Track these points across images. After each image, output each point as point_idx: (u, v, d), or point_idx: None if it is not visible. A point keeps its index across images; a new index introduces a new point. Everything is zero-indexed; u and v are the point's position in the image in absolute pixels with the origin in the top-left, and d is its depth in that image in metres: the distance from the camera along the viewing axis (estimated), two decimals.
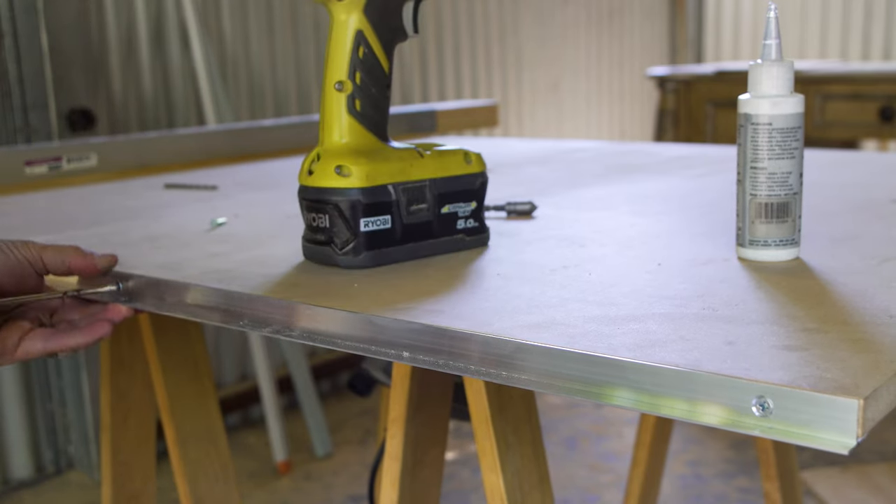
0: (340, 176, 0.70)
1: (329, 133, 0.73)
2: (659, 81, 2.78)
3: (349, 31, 0.72)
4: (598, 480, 2.19)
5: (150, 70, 2.35)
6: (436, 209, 0.75)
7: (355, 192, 0.70)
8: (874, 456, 2.23)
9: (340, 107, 0.72)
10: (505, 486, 0.72)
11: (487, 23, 3.29)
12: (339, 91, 0.72)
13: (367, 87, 0.73)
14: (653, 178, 1.14)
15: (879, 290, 0.60)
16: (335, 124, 0.72)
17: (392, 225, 0.72)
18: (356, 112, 0.72)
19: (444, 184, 0.75)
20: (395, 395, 0.78)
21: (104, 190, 1.23)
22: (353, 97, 0.72)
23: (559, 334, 0.53)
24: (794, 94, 0.67)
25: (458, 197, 0.76)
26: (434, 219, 0.75)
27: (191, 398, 1.04)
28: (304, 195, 0.73)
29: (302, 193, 0.73)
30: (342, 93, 0.72)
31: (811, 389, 0.44)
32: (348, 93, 0.72)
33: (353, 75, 0.72)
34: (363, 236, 0.71)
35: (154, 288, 0.72)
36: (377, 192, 0.71)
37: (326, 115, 0.73)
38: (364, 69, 0.72)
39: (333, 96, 0.72)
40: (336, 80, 0.72)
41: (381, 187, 0.71)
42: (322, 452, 2.38)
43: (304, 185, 0.72)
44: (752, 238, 0.69)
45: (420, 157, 0.74)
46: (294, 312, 0.63)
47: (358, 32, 0.72)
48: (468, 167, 0.77)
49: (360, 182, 0.70)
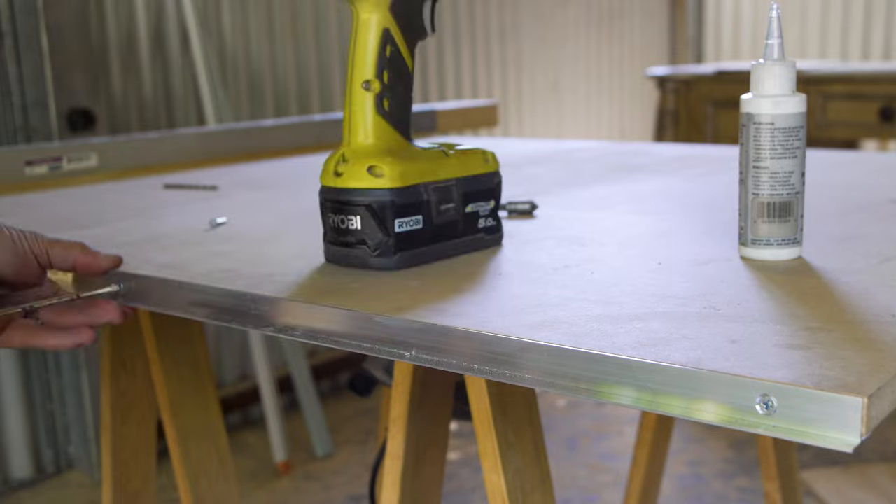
0: (373, 176, 0.69)
1: (355, 133, 0.71)
2: (659, 81, 2.78)
3: (376, 30, 0.71)
4: (599, 480, 2.19)
5: (150, 70, 2.35)
6: (461, 208, 0.74)
7: (389, 192, 0.69)
8: (875, 455, 2.23)
9: (368, 106, 0.71)
10: (506, 486, 0.71)
11: (487, 23, 3.29)
12: (366, 90, 0.71)
13: (395, 86, 0.72)
14: (653, 178, 1.14)
15: (881, 290, 0.60)
16: (362, 124, 0.71)
17: (424, 225, 0.71)
18: (384, 111, 0.71)
19: (467, 183, 0.75)
20: (396, 395, 0.78)
21: (104, 190, 1.23)
22: (381, 96, 0.71)
23: (562, 333, 0.53)
24: (796, 94, 0.67)
25: (480, 196, 0.76)
26: (460, 218, 0.74)
27: (191, 398, 1.04)
28: (330, 196, 0.71)
29: (327, 195, 0.71)
30: (369, 92, 0.71)
31: (815, 388, 0.44)
32: (376, 92, 0.71)
33: (381, 74, 0.71)
34: (396, 237, 0.70)
35: (156, 288, 0.72)
36: (410, 193, 0.70)
37: (353, 115, 0.71)
38: (391, 68, 0.71)
39: (360, 96, 0.71)
40: (363, 79, 0.71)
41: (414, 187, 0.70)
42: (322, 452, 2.38)
43: (330, 186, 0.71)
44: (754, 237, 0.69)
45: (446, 157, 0.74)
46: (296, 311, 0.63)
47: (385, 31, 0.71)
48: (487, 166, 0.77)
49: (394, 182, 0.69)
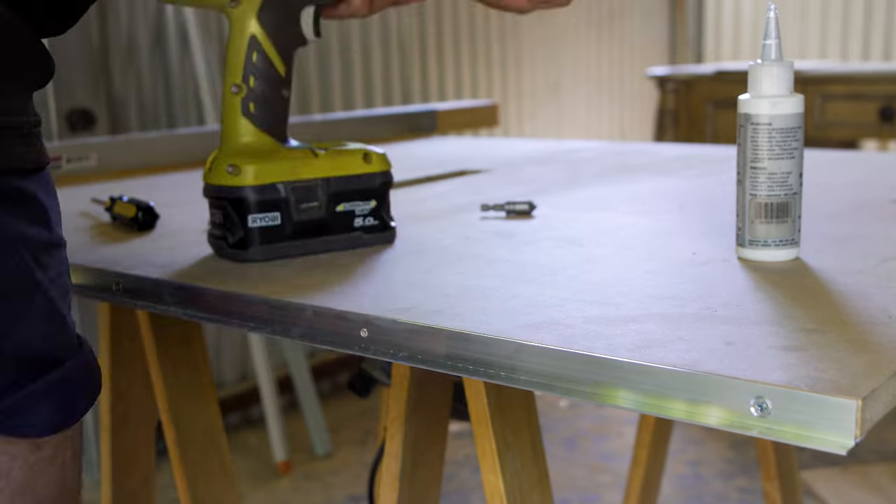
0: (231, 175, 0.74)
1: (225, 134, 0.77)
2: (659, 81, 2.78)
3: (244, 37, 0.75)
4: (598, 480, 2.19)
5: (150, 70, 2.35)
6: (329, 207, 0.78)
7: (245, 189, 0.74)
8: (874, 456, 2.22)
9: (236, 109, 0.76)
10: (504, 487, 0.71)
11: (487, 23, 3.29)
12: (234, 94, 0.76)
13: (262, 90, 0.76)
14: (652, 178, 1.14)
15: (878, 291, 0.60)
16: (231, 125, 0.77)
17: (282, 222, 0.76)
18: (249, 113, 0.76)
19: (338, 183, 0.78)
20: (394, 395, 0.78)
21: (104, 190, 1.23)
22: (248, 100, 0.76)
23: (558, 335, 0.54)
24: (793, 94, 0.67)
25: (355, 196, 0.79)
26: (328, 216, 0.78)
27: (191, 398, 1.04)
28: (205, 192, 0.77)
29: (203, 190, 0.77)
30: (237, 95, 0.76)
31: (810, 390, 0.44)
32: (242, 96, 0.76)
33: (248, 79, 0.76)
34: (252, 231, 0.75)
35: (154, 288, 0.72)
36: (266, 190, 0.75)
37: (224, 117, 0.77)
38: (257, 73, 0.76)
39: (230, 99, 0.76)
40: (232, 83, 0.76)
41: (270, 185, 0.75)
42: (322, 452, 2.39)
43: (204, 182, 0.77)
44: (751, 238, 0.69)
45: (314, 157, 0.77)
46: (294, 312, 0.63)
47: (251, 38, 0.75)
48: (367, 167, 0.79)
49: (250, 180, 0.74)
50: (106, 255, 0.82)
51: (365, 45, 2.88)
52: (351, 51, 2.84)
